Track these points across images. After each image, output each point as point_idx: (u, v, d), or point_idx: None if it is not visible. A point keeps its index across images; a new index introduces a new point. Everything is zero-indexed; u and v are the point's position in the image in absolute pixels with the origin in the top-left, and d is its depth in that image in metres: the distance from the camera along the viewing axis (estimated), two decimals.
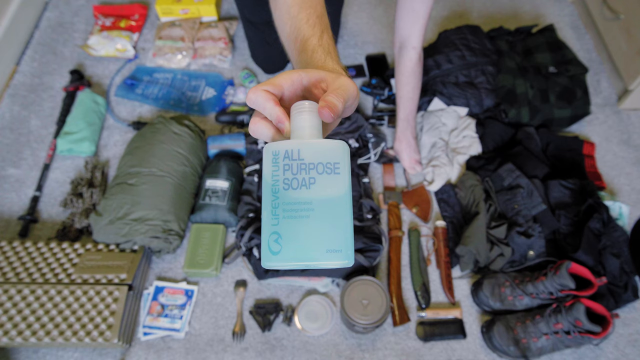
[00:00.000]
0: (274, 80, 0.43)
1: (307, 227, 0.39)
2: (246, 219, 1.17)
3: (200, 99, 1.47)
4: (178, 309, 1.12)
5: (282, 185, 0.40)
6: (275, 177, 0.40)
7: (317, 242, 0.39)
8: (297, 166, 0.40)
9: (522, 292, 1.08)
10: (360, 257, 1.11)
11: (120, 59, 1.57)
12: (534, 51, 1.42)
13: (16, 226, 1.24)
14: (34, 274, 1.08)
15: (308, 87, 0.45)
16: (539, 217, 1.17)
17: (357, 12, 1.71)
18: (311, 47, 0.54)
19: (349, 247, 0.40)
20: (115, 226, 1.11)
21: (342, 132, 1.32)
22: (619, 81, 1.48)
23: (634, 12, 1.36)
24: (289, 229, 0.39)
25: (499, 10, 1.72)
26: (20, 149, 1.38)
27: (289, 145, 0.41)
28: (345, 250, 0.40)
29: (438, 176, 1.29)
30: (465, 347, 1.09)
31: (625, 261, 1.14)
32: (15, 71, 1.54)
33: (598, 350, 1.09)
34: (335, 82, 0.44)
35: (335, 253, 0.40)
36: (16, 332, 1.00)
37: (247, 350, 1.08)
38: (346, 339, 1.10)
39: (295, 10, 0.59)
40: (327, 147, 0.41)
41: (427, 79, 1.38)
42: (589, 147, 1.35)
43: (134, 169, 1.18)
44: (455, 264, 1.18)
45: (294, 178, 0.40)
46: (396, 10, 1.13)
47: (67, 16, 1.68)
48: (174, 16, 1.62)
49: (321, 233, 0.39)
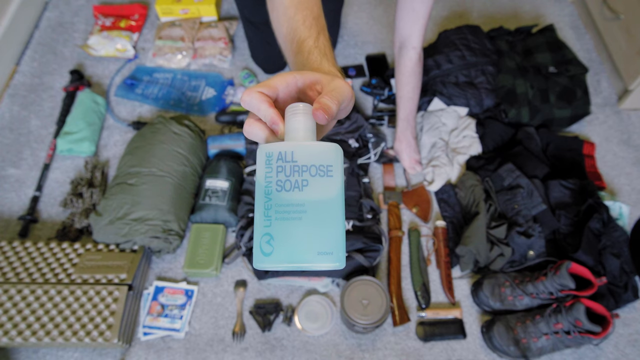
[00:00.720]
0: (269, 82, 0.44)
1: (299, 229, 0.39)
2: (246, 219, 1.17)
3: (200, 99, 1.47)
4: (178, 309, 1.12)
5: (275, 186, 0.40)
6: (269, 178, 0.40)
7: (308, 244, 0.39)
8: (291, 168, 0.40)
9: (522, 292, 1.08)
10: (360, 257, 1.11)
11: (120, 59, 1.57)
12: (534, 51, 1.42)
13: (16, 226, 1.24)
14: (34, 274, 1.08)
15: (303, 89, 0.45)
16: (539, 217, 1.17)
17: (357, 12, 1.71)
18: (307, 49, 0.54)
19: (340, 249, 0.40)
20: (115, 226, 1.11)
21: (342, 132, 1.32)
22: (619, 81, 1.48)
23: (634, 12, 1.36)
24: (281, 231, 0.39)
25: (499, 10, 1.72)
26: (20, 149, 1.38)
27: (282, 147, 0.41)
28: (336, 252, 0.40)
29: (438, 176, 1.29)
30: (465, 347, 1.09)
31: (625, 261, 1.14)
32: (15, 71, 1.54)
33: (598, 350, 1.09)
34: (330, 84, 0.44)
35: (327, 255, 0.40)
36: (16, 332, 1.00)
37: (247, 350, 1.08)
38: (346, 339, 1.10)
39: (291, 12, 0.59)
40: (320, 150, 0.42)
41: (427, 79, 1.38)
42: (589, 147, 1.35)
43: (134, 169, 1.18)
44: (455, 264, 1.18)
45: (287, 180, 0.40)
46: (396, 10, 1.13)
47: (67, 16, 1.68)
48: (174, 16, 1.62)
49: (313, 235, 0.40)
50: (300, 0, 0.60)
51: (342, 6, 1.50)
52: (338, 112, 0.44)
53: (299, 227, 0.39)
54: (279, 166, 0.41)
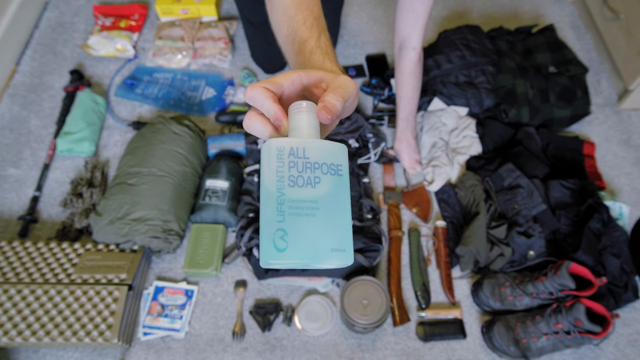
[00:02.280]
0: (274, 79, 0.43)
1: (314, 226, 0.39)
2: (246, 219, 1.17)
3: (200, 99, 1.47)
4: (178, 309, 1.12)
5: (288, 181, 0.40)
6: (280, 172, 0.40)
7: (323, 240, 0.39)
8: (303, 164, 0.40)
9: (522, 292, 1.08)
10: (360, 257, 1.11)
11: (120, 59, 1.57)
12: (534, 51, 1.42)
13: (16, 226, 1.24)
14: (34, 274, 1.08)
15: (308, 87, 0.45)
16: (539, 217, 1.17)
17: (357, 12, 1.71)
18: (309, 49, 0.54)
19: (350, 247, 0.41)
20: (115, 226, 1.11)
21: (342, 132, 1.32)
22: (619, 81, 1.48)
23: (634, 12, 1.36)
24: (296, 227, 0.39)
25: (499, 10, 1.72)
26: (20, 149, 1.38)
27: (294, 143, 0.41)
28: (347, 250, 0.41)
29: (438, 176, 1.29)
30: (465, 347, 1.09)
31: (625, 261, 1.14)
32: (15, 71, 1.54)
33: (598, 350, 1.08)
34: (335, 81, 0.44)
35: (340, 252, 0.40)
36: (16, 332, 1.00)
37: (247, 350, 1.08)
38: (346, 339, 1.10)
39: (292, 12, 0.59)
40: (330, 148, 0.42)
41: (427, 79, 1.38)
42: (589, 147, 1.35)
43: (133, 169, 1.18)
44: (455, 264, 1.18)
45: (300, 176, 0.40)
46: (396, 11, 1.13)
47: (67, 16, 1.68)
48: (174, 16, 1.62)
49: (327, 232, 0.40)
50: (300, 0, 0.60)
51: (342, 6, 1.50)
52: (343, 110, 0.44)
53: (314, 223, 0.39)
54: (291, 161, 0.40)
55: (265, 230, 0.39)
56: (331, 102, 0.41)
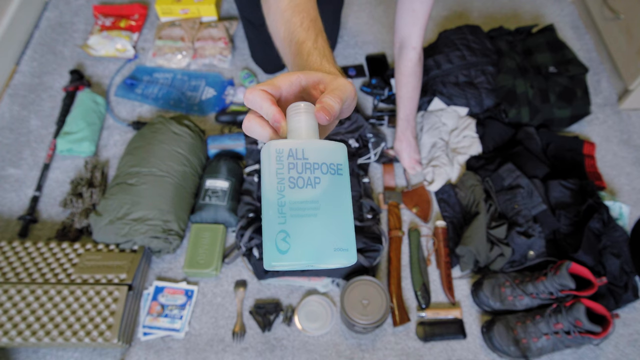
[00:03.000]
0: (272, 81, 0.44)
1: (315, 226, 0.39)
2: (246, 219, 1.17)
3: (200, 99, 1.47)
4: (178, 309, 1.12)
5: (288, 183, 0.40)
6: (280, 174, 0.40)
7: (326, 240, 0.39)
8: (302, 165, 0.40)
9: (522, 292, 1.08)
10: (360, 257, 1.11)
11: (120, 58, 1.57)
12: (534, 51, 1.42)
13: (16, 226, 1.24)
14: (34, 274, 1.08)
15: (307, 89, 0.46)
16: (539, 217, 1.17)
17: (357, 12, 1.71)
18: (306, 51, 0.54)
19: (353, 246, 0.41)
20: (115, 226, 1.11)
21: (342, 132, 1.32)
22: (619, 81, 1.48)
23: (634, 12, 1.36)
24: (298, 228, 0.39)
25: (499, 10, 1.72)
26: (20, 149, 1.38)
27: (292, 144, 0.41)
28: (350, 249, 0.40)
29: (438, 176, 1.29)
30: (465, 347, 1.09)
31: (626, 261, 1.14)
32: (15, 71, 1.54)
33: (598, 350, 1.08)
34: (332, 82, 0.44)
35: (343, 252, 0.40)
36: (16, 332, 1.00)
37: (247, 350, 1.08)
38: (346, 339, 1.10)
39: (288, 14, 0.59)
40: (330, 148, 0.42)
41: (427, 79, 1.38)
42: (589, 147, 1.35)
43: (133, 168, 1.18)
44: (455, 264, 1.18)
45: (300, 177, 0.40)
46: (396, 11, 1.13)
47: (67, 16, 1.68)
48: (174, 16, 1.62)
49: (329, 232, 0.40)
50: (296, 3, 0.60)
51: (342, 6, 1.50)
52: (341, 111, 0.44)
53: (316, 223, 0.39)
54: (290, 163, 0.40)
55: (267, 232, 0.40)
56: (329, 103, 0.41)
